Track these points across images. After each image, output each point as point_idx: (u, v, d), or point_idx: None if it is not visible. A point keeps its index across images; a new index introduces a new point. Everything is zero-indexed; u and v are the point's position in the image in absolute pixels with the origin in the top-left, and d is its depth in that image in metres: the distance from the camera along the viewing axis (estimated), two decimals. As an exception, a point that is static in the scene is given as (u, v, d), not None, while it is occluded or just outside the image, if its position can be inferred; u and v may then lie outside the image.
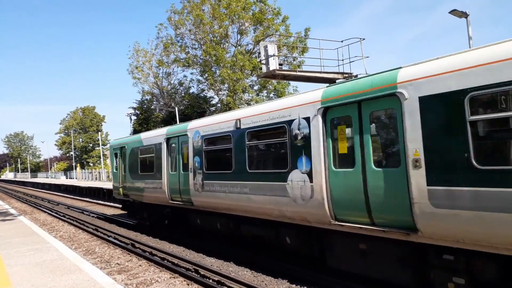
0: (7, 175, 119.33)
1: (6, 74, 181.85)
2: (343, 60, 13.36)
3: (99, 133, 76.50)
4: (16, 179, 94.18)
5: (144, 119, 42.97)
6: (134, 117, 44.74)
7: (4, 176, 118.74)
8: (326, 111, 7.26)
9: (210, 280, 8.41)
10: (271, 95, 35.36)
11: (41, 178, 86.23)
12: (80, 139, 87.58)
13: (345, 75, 13.26)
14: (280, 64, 14.50)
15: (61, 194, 41.74)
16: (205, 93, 39.82)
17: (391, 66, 6.84)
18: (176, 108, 35.82)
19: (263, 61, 13.75)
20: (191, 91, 40.69)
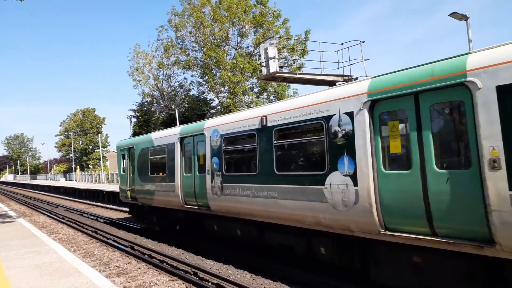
0: (7, 177, 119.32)
1: (6, 75, 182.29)
2: (343, 63, 13.36)
3: (99, 135, 76.43)
4: (16, 181, 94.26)
5: (144, 121, 43.03)
6: (134, 119, 44.82)
7: (4, 178, 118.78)
8: (374, 105, 6.47)
9: (209, 283, 8.38)
10: (271, 98, 35.42)
11: (41, 180, 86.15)
12: (80, 141, 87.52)
13: (345, 78, 13.26)
14: (280, 67, 14.49)
15: (61, 196, 41.70)
16: (205, 95, 39.96)
17: (392, 68, 6.63)
18: (176, 110, 35.86)
19: (263, 64, 13.74)
20: (191, 93, 40.84)
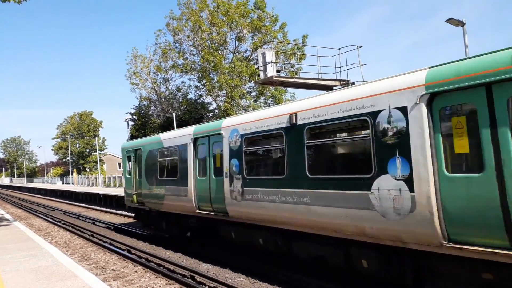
0: (3, 180, 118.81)
1: (2, 78, 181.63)
2: (340, 67, 13.44)
3: (96, 139, 76.26)
4: (12, 184, 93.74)
5: (142, 125, 43.03)
6: (132, 123, 44.80)
7: (0, 181, 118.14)
8: (433, 98, 5.74)
9: (206, 287, 8.38)
10: (269, 102, 35.51)
11: (37, 183, 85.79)
12: (77, 144, 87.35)
13: (342, 82, 13.34)
14: (278, 71, 14.53)
15: (57, 200, 41.51)
16: (203, 99, 40.09)
17: (390, 73, 6.60)
18: (174, 114, 35.89)
19: (261, 68, 13.79)
20: (189, 97, 40.94)
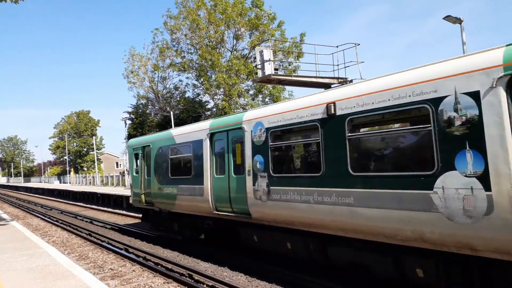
0: (0, 180, 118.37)
1: None
2: (338, 65, 13.44)
3: (94, 138, 76.12)
4: (9, 184, 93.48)
5: (139, 124, 42.92)
6: (129, 121, 44.67)
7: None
8: None
9: (204, 285, 8.36)
10: (267, 100, 35.50)
11: (35, 183, 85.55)
12: (74, 144, 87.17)
13: (340, 80, 13.34)
14: (276, 69, 14.56)
15: (55, 199, 41.44)
16: (201, 98, 40.05)
17: (388, 72, 6.39)
18: (172, 113, 35.81)
19: (259, 66, 13.79)
20: (187, 96, 40.91)
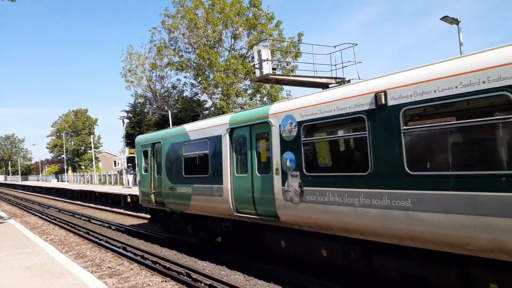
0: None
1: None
2: (336, 65, 13.46)
3: (91, 136, 75.91)
4: (7, 182, 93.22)
5: (137, 122, 42.91)
6: (127, 120, 44.67)
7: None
8: None
9: (202, 284, 8.39)
10: (265, 99, 35.53)
11: (32, 181, 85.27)
12: (72, 142, 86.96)
13: (338, 80, 13.37)
14: (274, 69, 14.55)
15: (52, 197, 41.35)
16: (199, 97, 40.05)
17: (388, 71, 5.87)
18: (169, 112, 35.78)
19: (257, 66, 13.80)
20: (185, 95, 40.92)
